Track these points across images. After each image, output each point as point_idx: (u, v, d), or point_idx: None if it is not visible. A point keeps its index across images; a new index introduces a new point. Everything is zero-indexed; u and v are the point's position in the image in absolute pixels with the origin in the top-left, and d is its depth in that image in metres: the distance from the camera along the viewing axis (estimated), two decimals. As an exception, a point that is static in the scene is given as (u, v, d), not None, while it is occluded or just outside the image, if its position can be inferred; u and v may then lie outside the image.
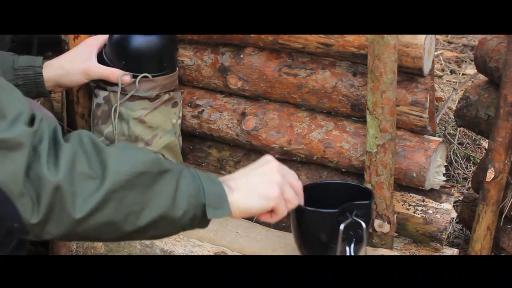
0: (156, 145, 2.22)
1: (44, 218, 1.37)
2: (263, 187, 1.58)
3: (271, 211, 1.61)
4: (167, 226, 1.49)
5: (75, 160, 1.38)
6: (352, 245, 1.87)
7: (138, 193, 1.42)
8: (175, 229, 1.53)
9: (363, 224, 1.86)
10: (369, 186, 2.06)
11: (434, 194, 2.16)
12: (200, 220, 1.52)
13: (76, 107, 2.45)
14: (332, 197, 2.03)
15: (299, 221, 1.95)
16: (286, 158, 2.24)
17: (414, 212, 2.15)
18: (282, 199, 1.60)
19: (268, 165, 1.63)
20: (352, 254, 1.87)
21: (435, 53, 3.05)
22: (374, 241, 2.10)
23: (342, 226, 1.85)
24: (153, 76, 2.17)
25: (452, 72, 3.96)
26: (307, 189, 2.04)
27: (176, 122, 2.28)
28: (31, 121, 1.38)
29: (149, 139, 2.21)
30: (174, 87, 2.26)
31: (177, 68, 2.29)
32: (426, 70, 2.03)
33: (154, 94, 2.19)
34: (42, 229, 1.40)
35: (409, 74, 2.06)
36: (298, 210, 1.90)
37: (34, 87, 2.08)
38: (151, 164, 1.44)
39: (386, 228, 2.09)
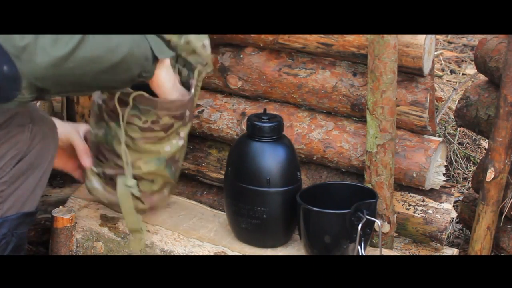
0: (139, 169, 1.98)
1: (32, 39, 1.49)
2: None
3: None
4: (132, 64, 1.67)
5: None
6: (363, 245, 1.89)
7: (108, 38, 1.61)
8: (136, 69, 1.70)
9: (379, 222, 1.89)
10: (369, 186, 2.06)
11: (434, 194, 2.16)
12: (151, 64, 1.74)
13: (76, 107, 2.45)
14: (333, 198, 2.05)
15: (307, 221, 1.96)
16: (286, 158, 2.24)
17: (414, 212, 2.15)
18: None
19: None
20: (364, 253, 1.89)
21: (435, 53, 3.05)
22: (374, 241, 2.10)
23: (359, 226, 1.86)
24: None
25: (452, 72, 3.96)
26: (309, 190, 2.05)
27: (170, 150, 1.98)
28: None
29: (132, 160, 1.96)
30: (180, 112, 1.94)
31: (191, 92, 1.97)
32: (426, 70, 2.03)
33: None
34: (31, 56, 1.50)
35: (409, 74, 2.06)
36: (307, 211, 1.92)
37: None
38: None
39: (386, 228, 2.09)
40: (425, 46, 1.97)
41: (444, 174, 2.15)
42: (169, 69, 1.86)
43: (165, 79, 1.85)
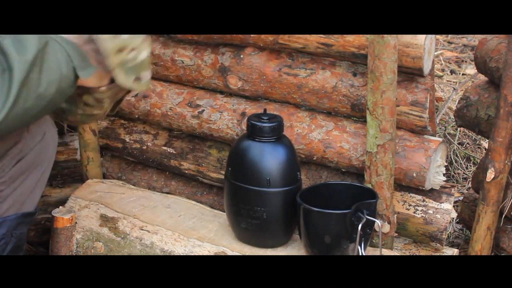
0: None
1: None
2: None
3: None
4: (61, 96, 1.63)
5: None
6: (363, 245, 1.90)
7: (37, 73, 1.54)
8: (65, 95, 1.65)
9: (379, 222, 1.89)
10: (369, 186, 2.06)
11: (434, 194, 2.16)
12: (73, 83, 1.66)
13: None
14: (333, 198, 2.05)
15: (307, 222, 1.97)
16: (286, 158, 2.25)
17: (414, 212, 2.15)
18: None
19: None
20: (364, 253, 1.89)
21: (435, 53, 3.05)
22: (374, 241, 2.10)
23: (359, 226, 1.86)
24: None
25: (452, 72, 3.96)
26: (309, 190, 2.05)
27: None
28: None
29: None
30: None
31: None
32: (426, 70, 2.03)
33: None
34: None
35: (409, 74, 2.06)
36: (307, 211, 1.92)
37: None
38: (39, 43, 1.55)
39: (386, 228, 2.09)
40: (425, 46, 1.97)
41: (444, 174, 2.15)
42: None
43: (88, 83, 1.78)
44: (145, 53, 1.75)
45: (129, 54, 1.71)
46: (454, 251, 2.20)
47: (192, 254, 2.08)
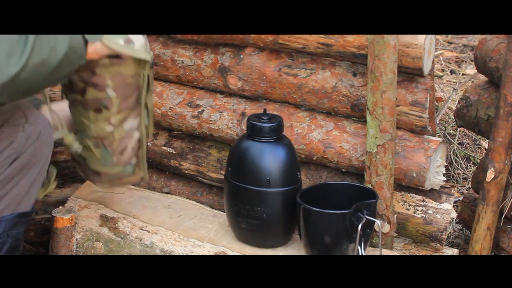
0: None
1: None
2: None
3: None
4: (72, 57, 1.71)
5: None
6: (363, 245, 1.90)
7: (47, 37, 1.65)
8: (76, 60, 1.74)
9: (379, 222, 1.89)
10: (369, 186, 2.06)
11: (434, 194, 2.16)
12: (85, 50, 1.77)
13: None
14: (333, 198, 2.05)
15: (307, 222, 1.96)
16: (286, 158, 2.24)
17: (414, 212, 2.15)
18: None
19: None
20: (364, 253, 1.89)
21: (435, 53, 3.05)
22: (374, 241, 2.10)
23: (359, 226, 1.86)
24: None
25: (452, 72, 3.96)
26: (309, 190, 2.05)
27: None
28: None
29: None
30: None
31: None
32: (426, 70, 2.03)
33: None
34: None
35: (409, 74, 2.06)
36: (307, 211, 1.92)
37: None
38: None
39: (386, 228, 2.09)
40: (425, 46, 1.97)
41: (444, 174, 2.15)
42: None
43: (95, 52, 1.85)
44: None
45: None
46: (454, 251, 2.20)
47: (192, 254, 2.08)
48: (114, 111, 1.93)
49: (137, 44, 1.86)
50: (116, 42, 1.82)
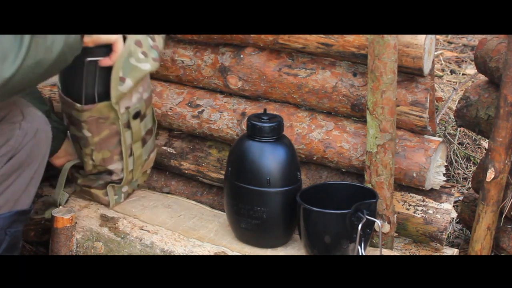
0: None
1: None
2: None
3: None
4: (68, 54, 1.75)
5: None
6: (363, 245, 1.89)
7: (43, 37, 1.67)
8: (71, 55, 1.78)
9: (379, 222, 1.89)
10: (369, 186, 2.06)
11: (434, 194, 2.16)
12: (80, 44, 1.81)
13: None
14: (333, 198, 2.05)
15: (307, 221, 1.96)
16: (286, 158, 2.24)
17: (414, 212, 2.15)
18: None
19: None
20: (364, 253, 1.89)
21: (435, 53, 3.05)
22: (374, 241, 2.10)
23: (359, 226, 1.86)
24: None
25: (452, 72, 3.96)
26: (309, 190, 2.05)
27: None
28: None
29: None
30: None
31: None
32: (426, 70, 2.03)
33: None
34: None
35: (409, 74, 2.06)
36: (307, 211, 1.92)
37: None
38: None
39: (386, 228, 2.09)
40: (425, 46, 1.97)
41: (444, 174, 2.15)
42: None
43: (91, 41, 1.90)
44: None
45: None
46: (454, 251, 2.20)
47: (192, 254, 2.08)
48: (93, 149, 2.14)
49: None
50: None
